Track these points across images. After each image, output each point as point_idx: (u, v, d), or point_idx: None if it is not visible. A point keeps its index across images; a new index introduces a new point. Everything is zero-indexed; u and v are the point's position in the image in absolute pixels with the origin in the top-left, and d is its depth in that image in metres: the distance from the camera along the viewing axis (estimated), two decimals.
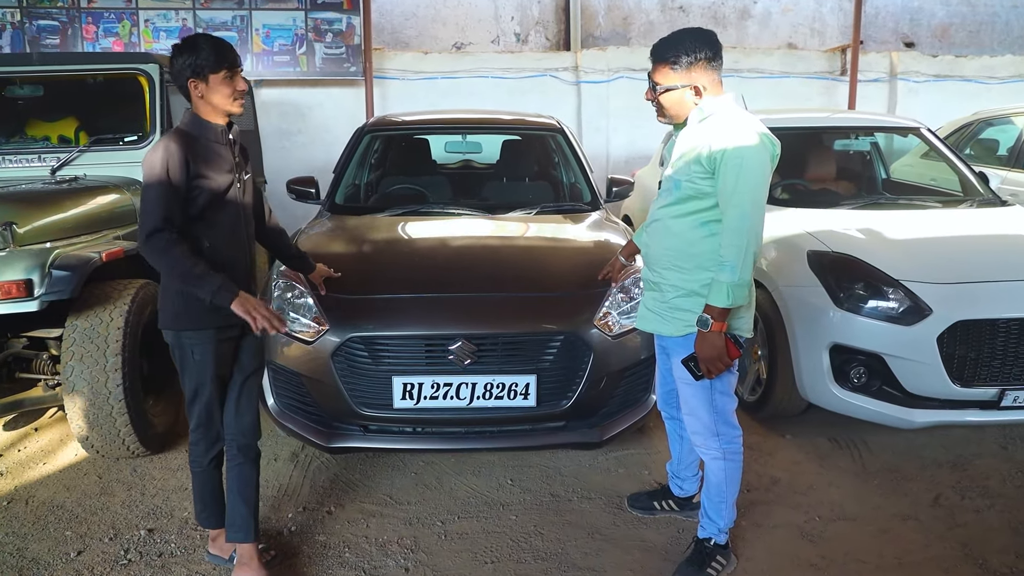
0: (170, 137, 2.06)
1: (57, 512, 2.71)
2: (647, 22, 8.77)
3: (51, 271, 2.73)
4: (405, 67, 7.50)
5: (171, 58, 2.10)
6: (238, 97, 2.14)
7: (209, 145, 2.11)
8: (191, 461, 2.28)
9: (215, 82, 2.07)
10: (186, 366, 2.18)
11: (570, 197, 4.06)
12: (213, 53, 2.06)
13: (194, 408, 2.21)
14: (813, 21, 8.87)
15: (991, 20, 9.04)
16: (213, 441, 2.25)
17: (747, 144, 2.02)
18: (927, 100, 7.85)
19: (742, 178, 2.00)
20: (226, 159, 2.16)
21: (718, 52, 2.10)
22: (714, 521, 2.27)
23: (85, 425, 2.88)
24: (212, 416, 2.22)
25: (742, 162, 2.00)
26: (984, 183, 4.07)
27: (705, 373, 2.12)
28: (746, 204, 2.01)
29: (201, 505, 2.31)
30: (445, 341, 2.56)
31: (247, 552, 2.26)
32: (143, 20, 6.46)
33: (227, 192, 2.15)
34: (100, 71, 4.01)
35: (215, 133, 2.14)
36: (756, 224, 2.03)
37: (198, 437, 2.24)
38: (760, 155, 2.02)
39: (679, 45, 2.09)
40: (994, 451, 3.18)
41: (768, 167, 2.06)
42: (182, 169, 2.01)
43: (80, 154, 3.85)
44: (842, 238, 3.24)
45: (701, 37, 2.10)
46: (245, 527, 2.24)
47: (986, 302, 2.83)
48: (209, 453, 2.26)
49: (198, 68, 2.05)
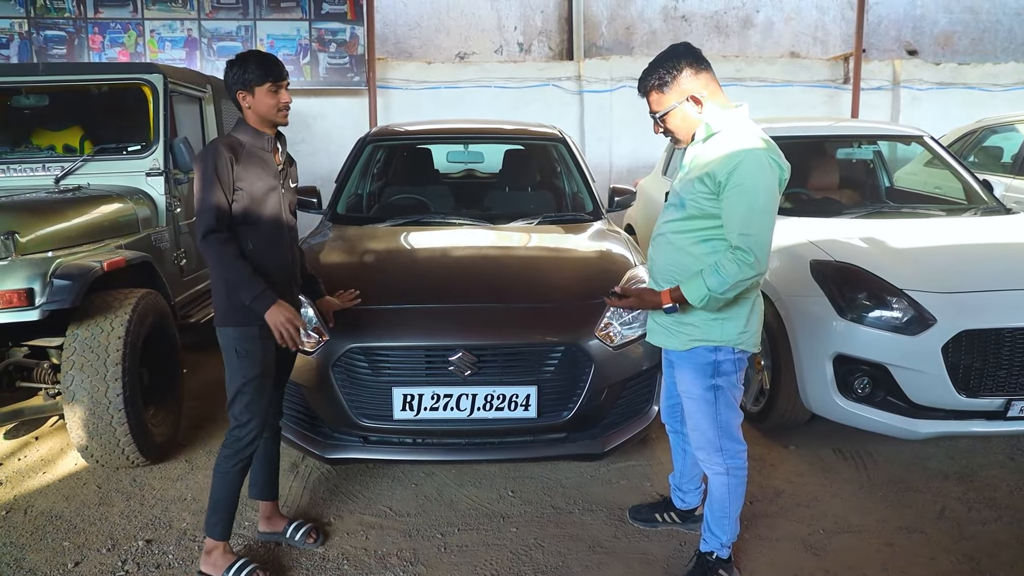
0: (220, 140, 2.22)
1: (55, 522, 2.70)
2: (650, 31, 8.79)
3: (52, 280, 2.73)
4: (408, 77, 7.53)
5: (225, 72, 2.28)
6: (283, 109, 2.28)
7: (255, 151, 2.24)
8: (218, 463, 2.28)
9: (260, 94, 2.22)
10: (230, 363, 2.25)
11: (572, 207, 4.05)
12: (259, 67, 2.21)
13: (234, 408, 2.24)
14: (815, 30, 8.87)
15: (994, 28, 9.03)
16: (246, 444, 2.25)
17: (752, 168, 1.97)
18: (930, 108, 7.84)
19: (745, 203, 1.97)
20: (271, 166, 2.28)
21: (698, 58, 2.08)
22: (716, 536, 2.25)
23: (85, 434, 2.87)
24: (250, 419, 2.23)
25: (745, 187, 1.96)
26: (988, 191, 4.05)
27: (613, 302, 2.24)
28: (751, 229, 1.97)
29: (213, 510, 2.29)
30: (445, 352, 2.54)
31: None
32: (148, 30, 6.50)
33: (269, 198, 2.26)
34: (104, 81, 4.03)
35: (263, 141, 2.27)
36: (761, 251, 1.98)
37: (231, 439, 2.25)
38: (764, 179, 1.97)
39: (656, 68, 2.10)
40: (1001, 462, 3.15)
41: (774, 190, 2.01)
42: (227, 170, 2.16)
43: (84, 163, 3.86)
44: (845, 247, 3.22)
45: (672, 52, 2.10)
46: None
47: (991, 311, 2.80)
48: (239, 455, 2.25)
49: (246, 81, 2.20)
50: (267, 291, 2.16)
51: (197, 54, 6.60)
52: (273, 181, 2.26)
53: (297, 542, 2.50)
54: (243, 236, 2.21)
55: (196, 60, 6.57)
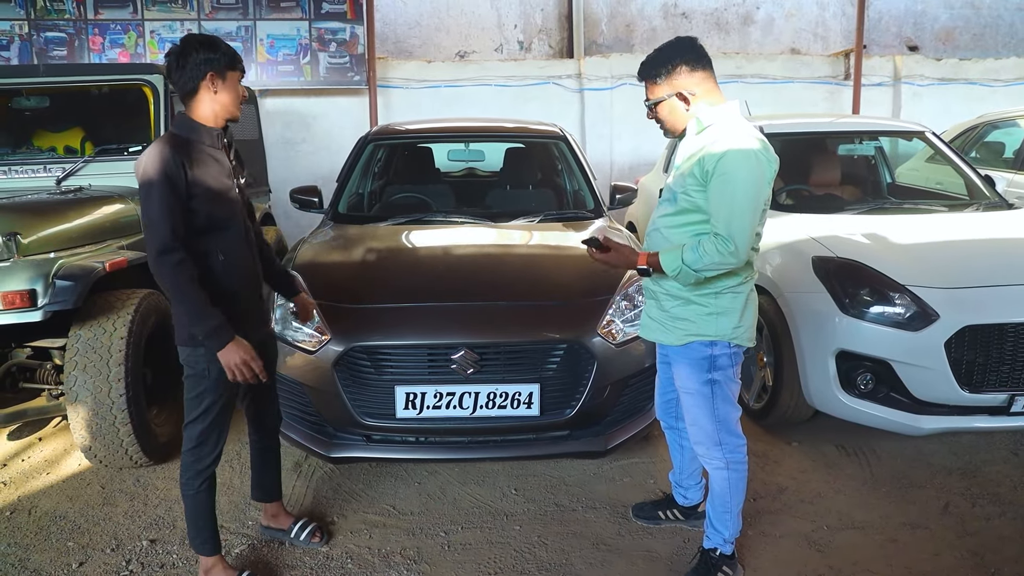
0: (163, 142, 1.97)
1: (60, 523, 2.70)
2: (650, 29, 8.78)
3: (55, 281, 2.74)
4: (409, 76, 7.53)
5: (179, 52, 2.01)
6: (240, 101, 2.13)
7: (204, 149, 2.05)
8: (182, 484, 2.17)
9: (232, 79, 2.05)
10: (197, 384, 2.11)
11: (573, 205, 4.05)
12: (229, 51, 2.04)
13: (196, 427, 2.13)
14: (816, 26, 8.85)
15: (995, 23, 9.01)
16: (208, 464, 2.16)
17: (738, 159, 1.97)
18: (931, 103, 7.82)
19: (728, 193, 1.97)
20: (223, 164, 2.11)
21: (699, 56, 2.08)
22: (719, 531, 2.25)
23: (88, 435, 2.87)
24: (211, 438, 2.15)
25: (733, 177, 1.96)
26: (991, 186, 4.04)
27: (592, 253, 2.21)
28: (734, 220, 1.97)
29: (195, 531, 2.21)
30: (448, 350, 2.54)
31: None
32: (149, 31, 6.51)
33: (229, 198, 2.11)
34: (105, 82, 4.03)
35: (211, 137, 2.08)
36: (742, 242, 1.97)
37: (192, 459, 2.15)
38: (750, 171, 1.97)
39: (656, 59, 2.12)
40: (1005, 457, 3.15)
41: (761, 184, 2.00)
42: (180, 175, 1.93)
43: (85, 164, 3.87)
44: (847, 243, 3.22)
45: (677, 45, 2.10)
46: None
47: (994, 306, 2.80)
48: (201, 476, 2.16)
49: (218, 63, 2.00)
50: (222, 327, 1.98)
51: None
52: (228, 181, 2.10)
53: (302, 541, 2.49)
54: (210, 248, 2.04)
55: None
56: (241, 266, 2.16)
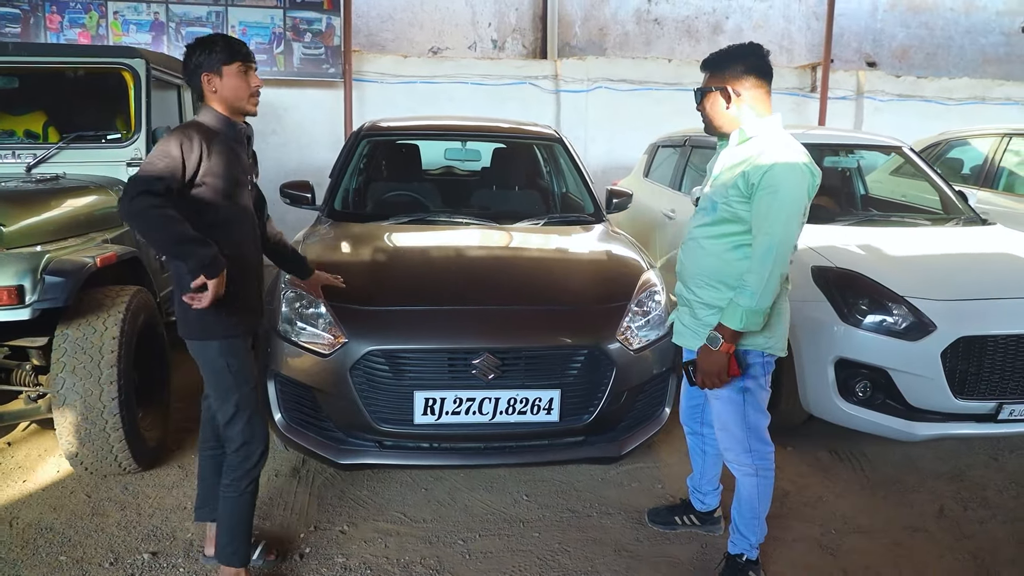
0: (188, 127, 1.99)
1: (47, 535, 2.53)
2: (622, 33, 8.87)
3: (44, 277, 2.56)
4: (384, 70, 7.39)
5: (185, 58, 2.06)
6: (254, 94, 2.09)
7: (226, 142, 2.04)
8: (225, 486, 2.09)
9: (229, 75, 2.02)
10: (220, 381, 2.05)
11: (574, 208, 4.05)
12: (227, 46, 2.03)
13: (235, 426, 2.06)
14: (782, 38, 9.11)
15: (947, 44, 9.46)
16: (257, 461, 2.10)
17: (785, 171, 2.00)
18: (891, 118, 8.15)
19: (775, 206, 2.00)
20: (242, 160, 2.10)
21: (758, 63, 2.11)
22: (745, 537, 2.27)
23: (76, 441, 2.70)
24: (256, 432, 2.09)
25: (778, 189, 1.99)
26: (964, 202, 4.22)
27: (699, 383, 2.14)
28: (776, 233, 2.00)
29: (228, 537, 2.11)
30: (468, 355, 2.50)
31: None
32: (112, 12, 6.18)
33: (243, 194, 2.09)
34: (81, 64, 3.80)
35: (234, 130, 2.08)
36: (783, 253, 2.01)
37: (240, 459, 2.08)
38: (796, 184, 2.00)
39: (719, 53, 2.18)
40: (986, 462, 3.29)
41: (804, 197, 2.03)
42: (196, 157, 1.92)
43: (59, 151, 3.64)
44: (845, 254, 3.31)
45: (743, 47, 2.14)
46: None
47: (987, 319, 2.92)
48: (250, 476, 2.10)
49: (213, 61, 2.00)
50: (218, 255, 1.91)
51: (164, 39, 6.31)
52: (242, 175, 2.07)
53: (256, 561, 2.30)
54: (218, 242, 1.97)
55: (163, 45, 6.29)
56: (247, 262, 2.12)
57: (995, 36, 9.58)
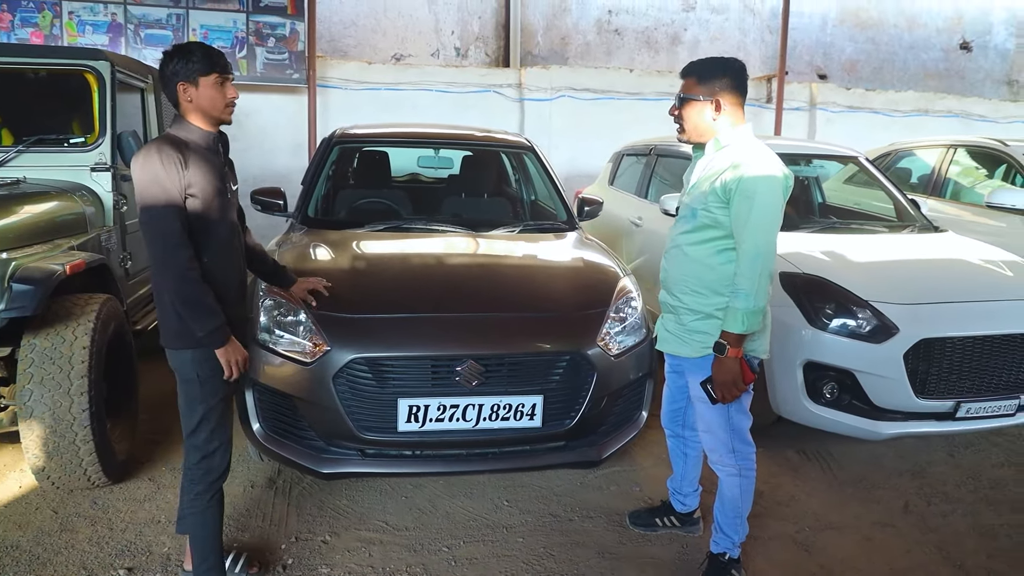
0: (161, 142, 2.00)
1: (13, 553, 2.43)
2: (584, 43, 8.99)
3: (11, 285, 2.47)
4: (348, 76, 7.33)
5: (161, 64, 2.06)
6: (230, 104, 2.10)
7: (201, 152, 2.05)
8: (187, 503, 2.07)
9: (205, 86, 2.03)
10: (188, 390, 2.06)
11: (544, 215, 4.09)
12: (205, 57, 2.03)
13: (198, 436, 2.06)
14: (737, 50, 9.35)
15: (891, 58, 9.87)
16: (219, 475, 2.09)
17: (761, 175, 2.09)
18: (842, 129, 8.46)
19: (755, 209, 2.08)
20: (217, 168, 2.10)
21: (743, 81, 2.19)
22: (728, 536, 2.33)
23: (43, 454, 2.61)
24: (219, 445, 2.07)
25: (756, 193, 2.08)
26: (917, 209, 4.41)
27: (720, 397, 2.18)
28: (759, 234, 2.09)
29: (201, 556, 2.09)
30: (452, 362, 2.50)
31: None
32: (67, 12, 5.99)
33: (221, 203, 2.09)
34: (43, 65, 3.68)
35: (207, 140, 2.08)
36: (769, 253, 2.11)
37: (202, 472, 2.06)
38: (773, 187, 2.10)
39: (708, 62, 2.24)
40: (943, 459, 3.44)
41: (781, 199, 2.14)
42: (178, 174, 1.95)
43: (18, 155, 3.51)
44: (811, 260, 3.42)
45: (730, 62, 2.21)
46: None
47: (945, 321, 3.06)
48: (212, 489, 2.09)
49: (189, 71, 2.01)
50: (224, 326, 2.00)
51: (122, 40, 6.13)
52: (221, 184, 2.08)
53: (237, 574, 2.29)
54: (198, 250, 2.00)
55: (121, 47, 6.11)
56: (227, 270, 2.13)
57: (936, 52, 10.04)
